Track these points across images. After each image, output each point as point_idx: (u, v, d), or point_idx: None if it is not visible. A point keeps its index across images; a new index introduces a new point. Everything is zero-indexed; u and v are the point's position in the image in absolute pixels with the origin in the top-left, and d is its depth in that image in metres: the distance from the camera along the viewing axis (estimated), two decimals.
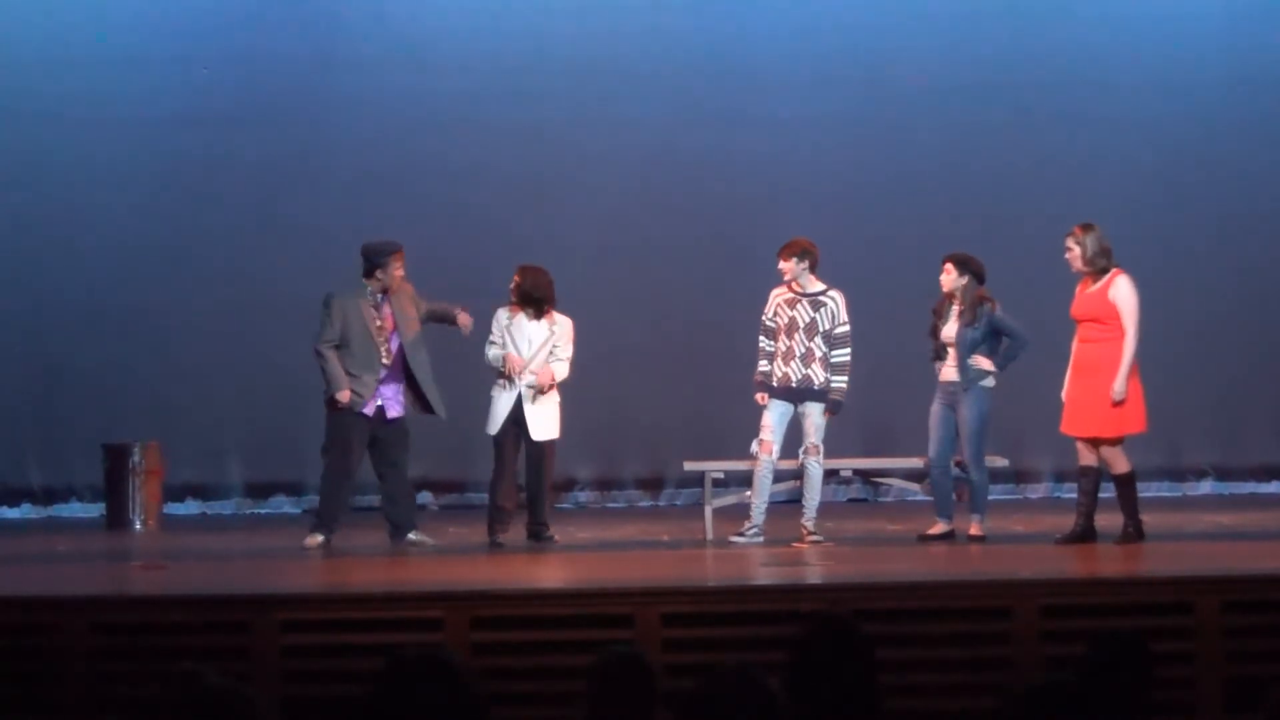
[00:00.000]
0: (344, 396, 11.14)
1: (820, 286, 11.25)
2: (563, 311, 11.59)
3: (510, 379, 11.32)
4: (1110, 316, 10.55)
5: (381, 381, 11.27)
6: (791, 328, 11.17)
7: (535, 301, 11.42)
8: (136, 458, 13.50)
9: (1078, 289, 10.79)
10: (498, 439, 11.40)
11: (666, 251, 14.90)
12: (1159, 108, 15.18)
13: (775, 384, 11.19)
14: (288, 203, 14.33)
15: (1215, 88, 15.23)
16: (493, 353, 11.43)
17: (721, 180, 14.99)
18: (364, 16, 15.12)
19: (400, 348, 11.33)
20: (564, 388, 11.52)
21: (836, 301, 11.22)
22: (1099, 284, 10.64)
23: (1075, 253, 10.71)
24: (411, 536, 11.33)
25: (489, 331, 11.49)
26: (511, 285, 11.49)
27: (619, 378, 14.45)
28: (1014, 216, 14.86)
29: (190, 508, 14.76)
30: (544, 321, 11.48)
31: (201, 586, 9.07)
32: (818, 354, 11.14)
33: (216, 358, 14.29)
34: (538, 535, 11.46)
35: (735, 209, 14.62)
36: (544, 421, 11.40)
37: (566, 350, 11.50)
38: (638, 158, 15.03)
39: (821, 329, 11.15)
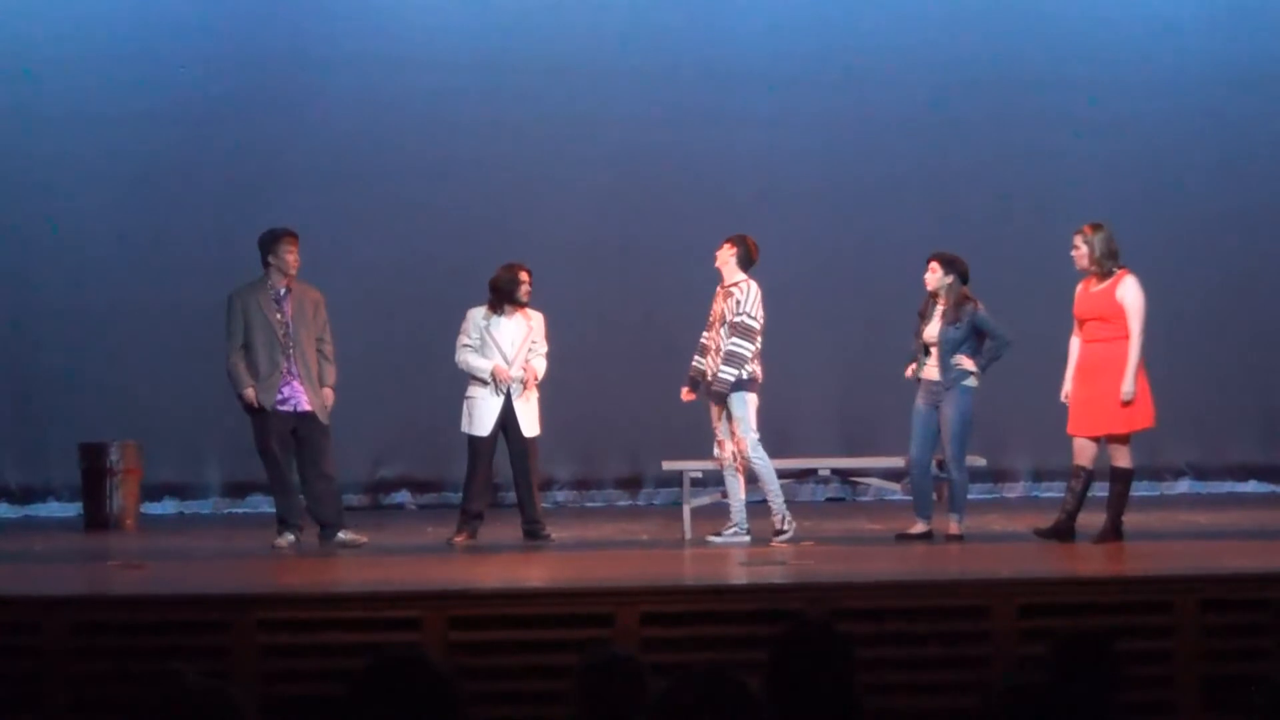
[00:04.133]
0: (249, 395, 11.13)
1: (739, 278, 11.16)
2: (542, 309, 11.60)
3: (498, 385, 11.32)
4: (1116, 316, 10.55)
5: (289, 376, 11.23)
6: (713, 321, 11.19)
7: (501, 296, 11.41)
8: (114, 457, 13.47)
9: (1080, 287, 10.78)
10: (482, 441, 11.38)
11: (646, 250, 14.91)
12: (1141, 108, 15.22)
13: (703, 380, 11.19)
14: (266, 201, 14.26)
15: (1198, 88, 15.28)
16: (472, 359, 11.40)
17: (702, 179, 15.00)
18: (343, 15, 15.10)
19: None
20: (542, 385, 11.54)
21: (744, 290, 11.06)
22: (1105, 283, 10.64)
23: (1082, 251, 10.70)
24: (342, 536, 11.24)
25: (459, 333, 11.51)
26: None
27: (598, 376, 14.46)
28: (997, 217, 14.91)
29: (168, 507, 14.74)
30: (519, 318, 11.48)
31: (180, 586, 9.05)
32: (724, 347, 11.10)
33: (194, 357, 14.23)
34: (534, 534, 11.45)
35: (716, 208, 14.60)
36: (531, 418, 11.44)
37: (544, 346, 11.53)
38: (618, 156, 15.04)
39: (727, 319, 11.09)
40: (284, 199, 14.22)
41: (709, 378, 11.13)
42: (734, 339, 11.00)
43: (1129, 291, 10.60)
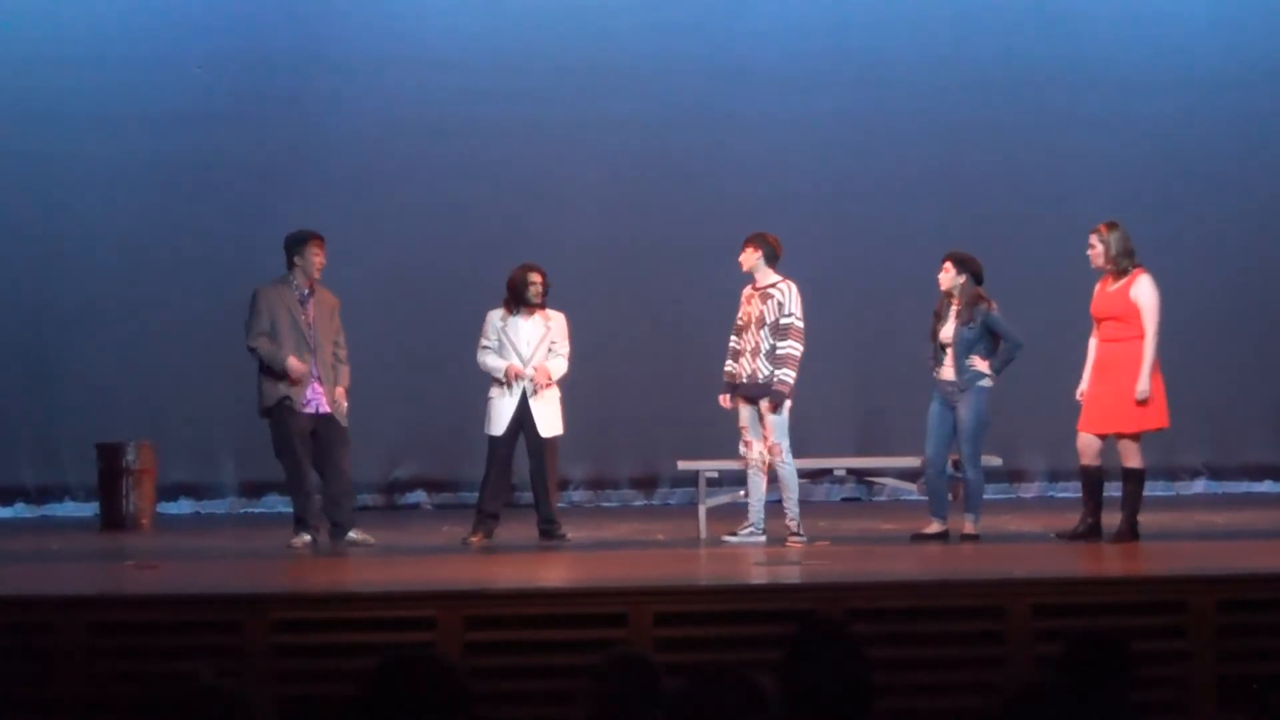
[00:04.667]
0: (294, 365, 11.11)
1: (774, 279, 11.14)
2: (558, 308, 11.60)
3: (511, 384, 11.34)
4: (1131, 315, 10.55)
5: (310, 377, 11.25)
6: (748, 323, 11.15)
7: (514, 296, 11.44)
8: (130, 457, 13.49)
9: (1097, 287, 10.78)
10: (498, 440, 11.39)
11: (660, 250, 14.90)
12: (1151, 107, 15.19)
13: (737, 382, 11.16)
14: (281, 201, 14.31)
15: (1207, 87, 15.25)
16: (489, 360, 11.42)
17: (715, 179, 15.00)
18: (357, 16, 15.11)
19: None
20: (560, 385, 11.53)
21: (784, 292, 11.06)
22: (1120, 283, 10.64)
23: (1098, 250, 10.71)
24: (352, 535, 11.27)
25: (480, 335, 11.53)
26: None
27: (613, 376, 14.46)
28: (1008, 216, 14.89)
29: (183, 507, 14.77)
30: (537, 318, 11.48)
31: (195, 586, 9.06)
32: (764, 347, 11.03)
33: (209, 357, 14.27)
34: (549, 534, 11.46)
35: (729, 208, 14.61)
36: (549, 418, 11.41)
37: (565, 346, 11.51)
38: (631, 156, 15.04)
39: (768, 320, 11.04)
40: (299, 200, 14.23)
41: (745, 380, 11.10)
42: (788, 341, 10.99)
43: (1143, 290, 10.59)
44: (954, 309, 11.07)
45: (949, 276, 11.10)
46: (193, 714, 3.69)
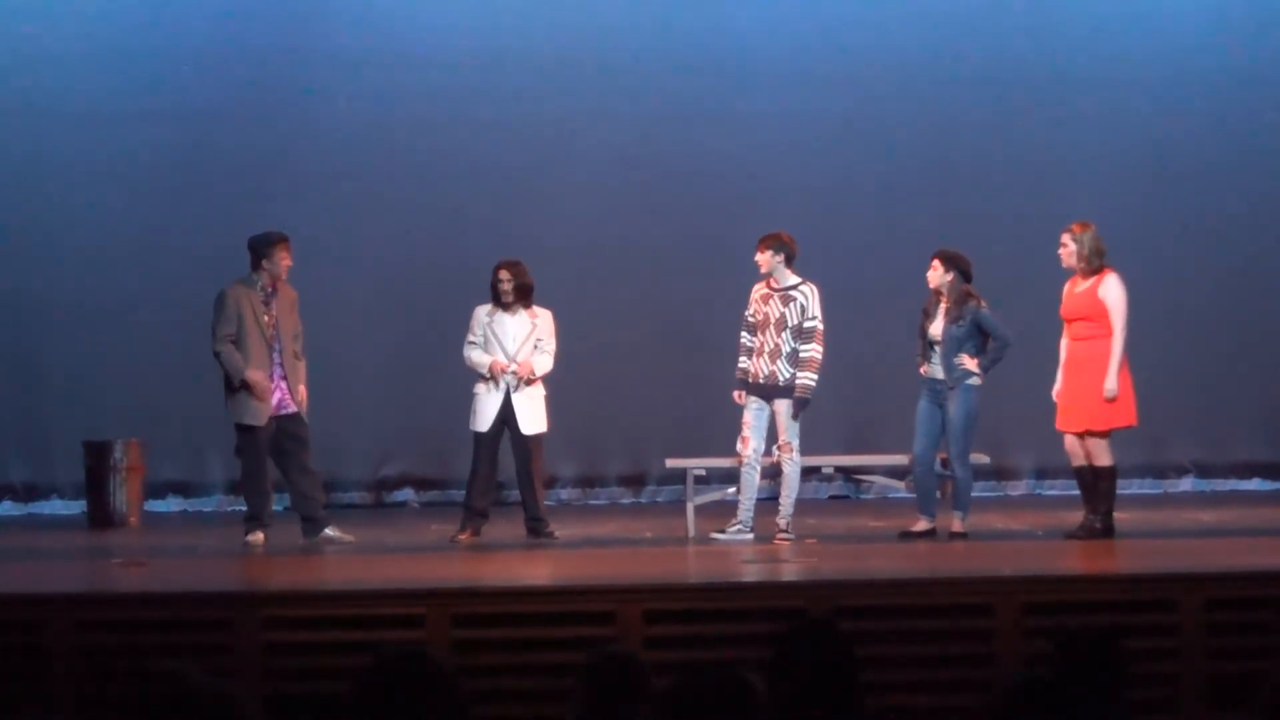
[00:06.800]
0: (255, 379, 11.10)
1: (793, 280, 11.17)
2: (546, 306, 11.60)
3: (496, 379, 11.34)
4: (1099, 315, 10.60)
5: (277, 379, 11.26)
6: (765, 323, 11.14)
7: (495, 295, 11.45)
8: (118, 455, 13.47)
9: (1066, 288, 10.83)
10: (483, 436, 11.39)
11: (649, 248, 14.89)
12: (1139, 105, 15.20)
13: (750, 380, 11.17)
14: (270, 199, 14.28)
15: (1196, 86, 15.26)
16: (475, 355, 11.43)
17: (704, 177, 14.99)
18: (348, 12, 15.09)
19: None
20: (547, 383, 11.53)
21: (807, 295, 11.12)
22: (1089, 283, 10.70)
23: (1070, 249, 10.75)
24: (329, 532, 11.30)
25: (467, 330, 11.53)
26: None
27: (601, 374, 14.45)
28: (997, 215, 14.89)
29: (172, 505, 14.75)
30: (524, 315, 11.49)
31: (183, 584, 9.05)
32: (784, 349, 11.06)
33: (198, 355, 14.20)
34: (537, 531, 11.47)
35: (718, 206, 14.62)
36: (533, 416, 11.42)
37: (551, 344, 11.52)
38: (621, 154, 15.02)
39: (790, 324, 11.07)
40: (289, 198, 14.23)
41: (763, 381, 11.09)
42: (811, 345, 11.08)
43: (1111, 290, 10.66)
44: (943, 307, 11.08)
45: (937, 274, 11.11)
46: (180, 713, 3.68)
